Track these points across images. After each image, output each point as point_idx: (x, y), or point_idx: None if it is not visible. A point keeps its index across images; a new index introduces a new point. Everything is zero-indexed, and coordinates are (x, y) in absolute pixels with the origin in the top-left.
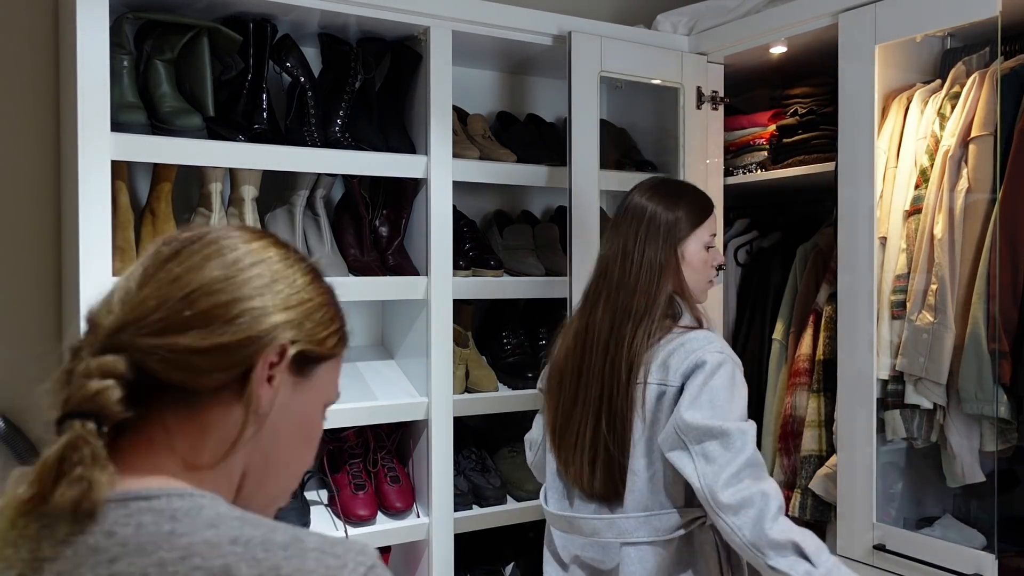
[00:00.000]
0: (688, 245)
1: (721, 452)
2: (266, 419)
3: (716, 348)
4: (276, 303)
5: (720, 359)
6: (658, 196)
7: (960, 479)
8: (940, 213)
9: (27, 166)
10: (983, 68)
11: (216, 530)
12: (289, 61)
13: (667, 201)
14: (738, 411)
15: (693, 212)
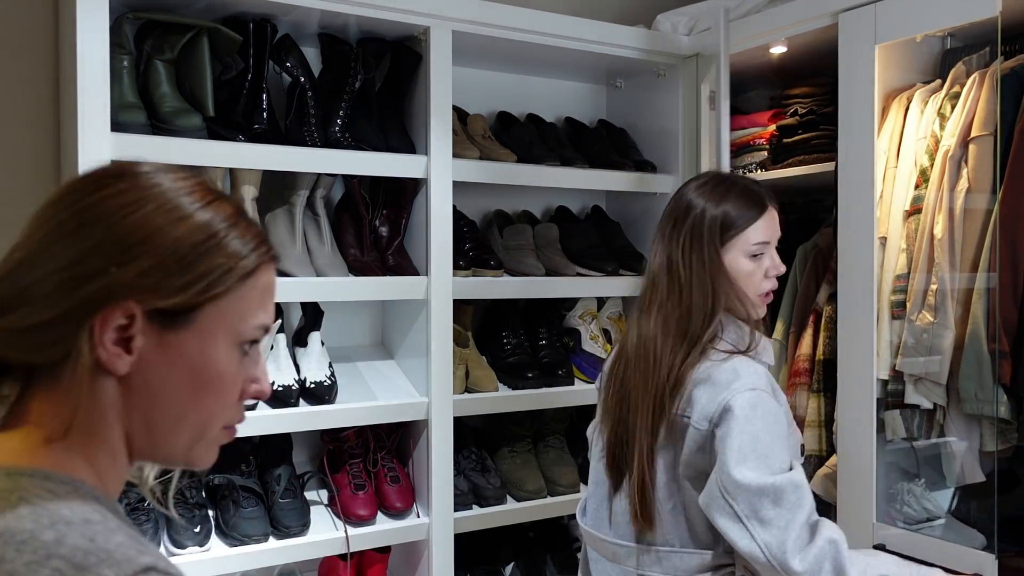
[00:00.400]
0: (728, 252)
1: (778, 513)
2: (132, 381)
3: (747, 385)
4: (102, 263)
5: (751, 399)
6: (707, 190)
7: (960, 479)
8: (940, 213)
9: (27, 166)
10: (983, 68)
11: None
12: (289, 61)
13: (715, 197)
14: (782, 456)
15: (737, 211)
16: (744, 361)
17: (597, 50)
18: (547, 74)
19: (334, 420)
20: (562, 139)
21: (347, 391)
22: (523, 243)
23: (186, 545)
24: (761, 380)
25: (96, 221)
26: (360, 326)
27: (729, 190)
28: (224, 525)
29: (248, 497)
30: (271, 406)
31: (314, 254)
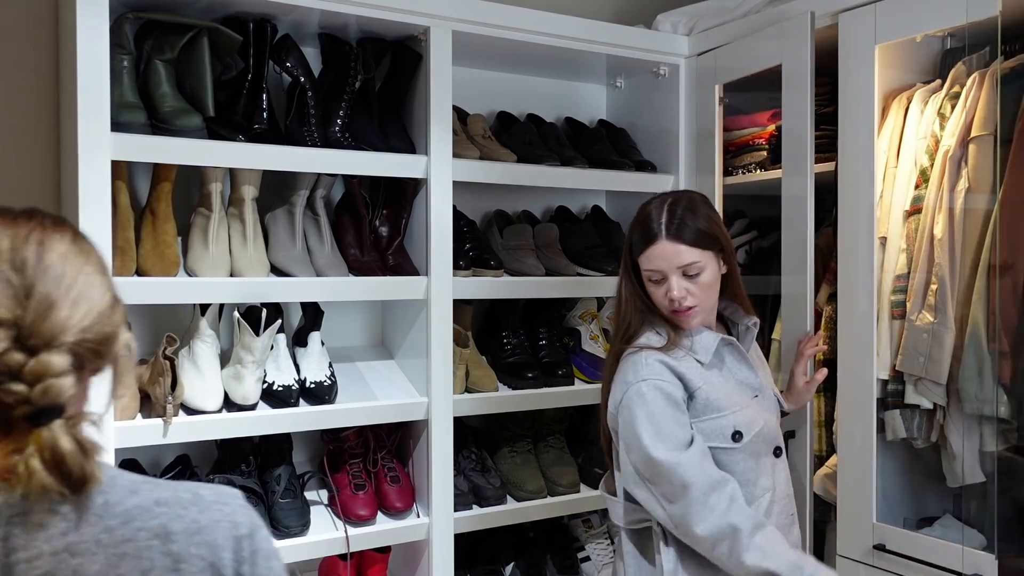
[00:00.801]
0: (642, 271)
1: (672, 489)
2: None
3: (640, 377)
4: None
5: (640, 389)
6: (638, 211)
7: (960, 479)
8: (940, 213)
9: (27, 166)
10: (983, 68)
11: (138, 496)
12: (289, 61)
13: (634, 218)
14: (676, 435)
15: (634, 237)
16: (643, 356)
17: (597, 50)
18: (547, 74)
19: (334, 420)
20: (562, 139)
21: (347, 391)
22: (523, 243)
23: None
24: (655, 371)
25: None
26: (360, 326)
27: (640, 214)
28: None
29: (248, 497)
30: (271, 406)
31: (314, 254)
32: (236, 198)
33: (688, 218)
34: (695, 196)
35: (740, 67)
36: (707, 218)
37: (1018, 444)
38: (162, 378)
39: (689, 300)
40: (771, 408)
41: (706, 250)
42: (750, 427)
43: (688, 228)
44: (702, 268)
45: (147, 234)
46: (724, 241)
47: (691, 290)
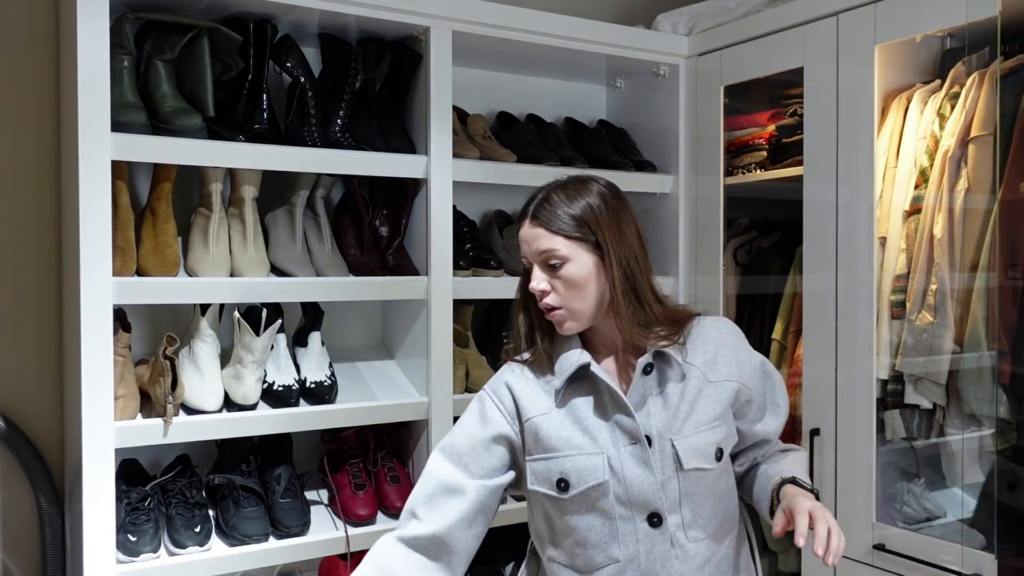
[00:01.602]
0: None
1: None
2: None
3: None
4: None
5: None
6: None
7: (960, 479)
8: (940, 213)
9: (27, 166)
10: (983, 68)
11: None
12: (289, 61)
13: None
14: (448, 439)
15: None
16: (504, 368)
17: (597, 50)
18: (547, 74)
19: (334, 420)
20: (562, 139)
21: (347, 391)
22: None
23: (186, 545)
24: (493, 385)
25: None
26: (360, 326)
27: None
28: (224, 525)
29: (248, 497)
30: (271, 406)
31: (314, 254)
32: (236, 198)
33: (562, 202)
34: (594, 183)
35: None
36: (589, 208)
37: (1018, 444)
38: (162, 378)
39: (551, 298)
40: (659, 462)
41: (572, 241)
42: (584, 477)
43: (553, 212)
44: (563, 259)
45: (147, 234)
46: (607, 238)
47: (554, 286)
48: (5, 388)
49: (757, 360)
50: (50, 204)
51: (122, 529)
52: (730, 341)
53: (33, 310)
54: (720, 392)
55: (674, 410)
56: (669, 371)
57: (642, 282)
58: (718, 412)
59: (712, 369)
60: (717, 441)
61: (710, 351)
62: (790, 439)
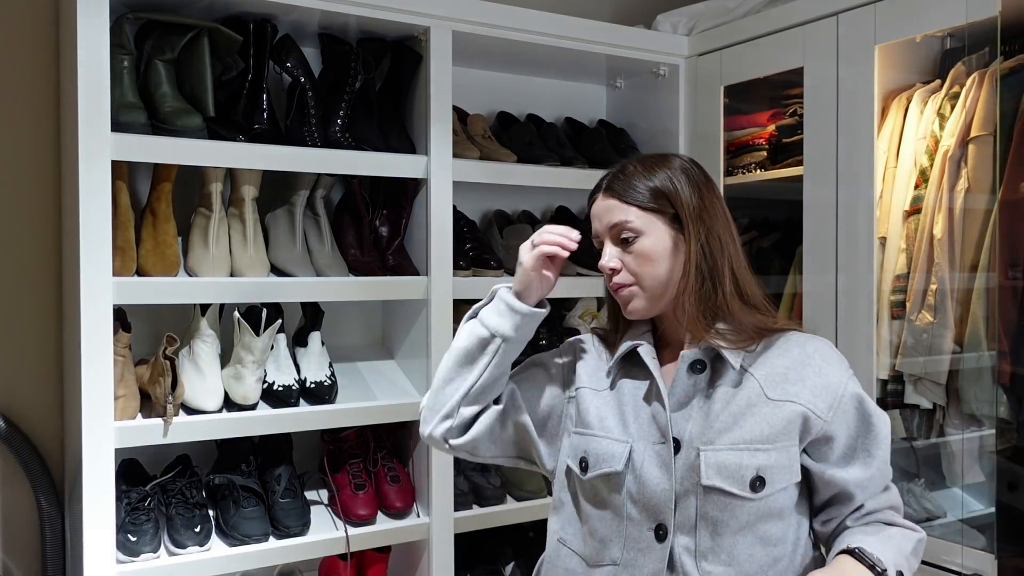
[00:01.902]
0: None
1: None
2: None
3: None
4: None
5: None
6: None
7: (960, 479)
8: (940, 213)
9: (28, 166)
10: (983, 68)
11: None
12: (289, 61)
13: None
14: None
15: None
16: (582, 336)
17: (597, 50)
18: (547, 74)
19: (334, 420)
20: (562, 139)
21: (347, 391)
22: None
23: (186, 545)
24: (565, 346)
25: None
26: (360, 326)
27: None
28: (224, 525)
29: (248, 497)
30: (271, 406)
31: (314, 254)
32: (236, 198)
33: (640, 173)
34: (677, 158)
35: (749, 70)
36: (669, 179)
37: (1018, 444)
38: (162, 378)
39: (622, 276)
40: (680, 470)
41: (648, 212)
42: (601, 462)
43: (629, 183)
44: (637, 232)
45: (147, 234)
46: (686, 211)
47: (625, 261)
48: (5, 388)
49: (851, 393)
50: (50, 204)
51: (122, 529)
52: (815, 362)
53: (33, 310)
54: (777, 413)
55: (713, 418)
56: (724, 376)
57: (722, 268)
58: (767, 434)
59: (776, 385)
60: (758, 467)
61: (782, 365)
62: None
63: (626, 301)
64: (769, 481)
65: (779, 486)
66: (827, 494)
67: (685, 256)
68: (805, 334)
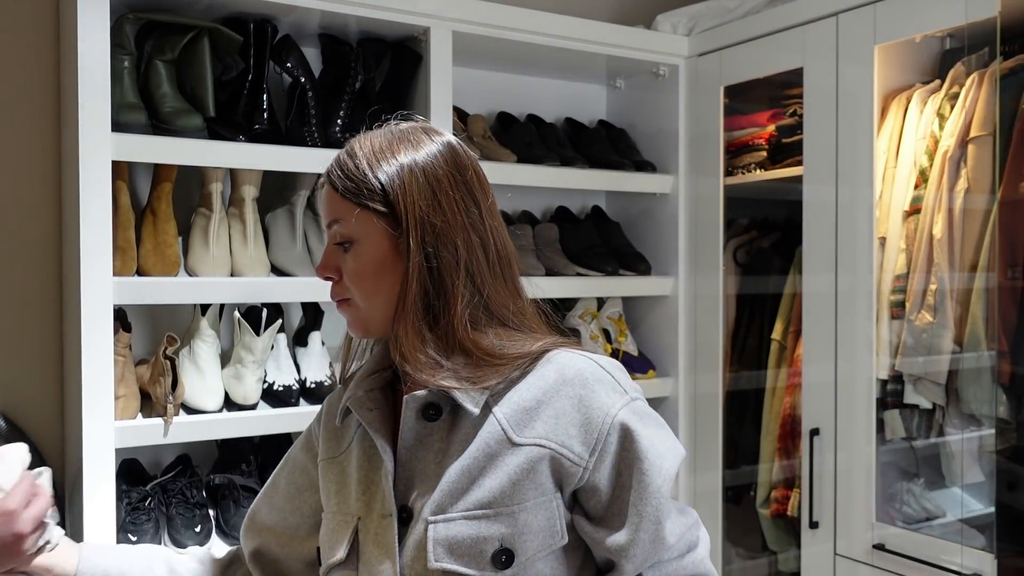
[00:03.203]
0: None
1: None
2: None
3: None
4: None
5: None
6: None
7: (960, 479)
8: (939, 213)
9: (28, 166)
10: (982, 68)
11: None
12: (289, 61)
13: None
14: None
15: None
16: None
17: (597, 50)
18: (547, 74)
19: None
20: (562, 139)
21: None
22: (523, 243)
23: (186, 545)
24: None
25: None
26: None
27: None
28: (224, 525)
29: (248, 497)
30: (271, 406)
31: (314, 254)
32: (236, 198)
33: (367, 158)
34: (426, 137)
35: (748, 70)
36: (398, 171)
37: (1017, 444)
38: (162, 378)
39: (337, 287)
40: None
41: (366, 212)
42: (327, 552)
43: (350, 171)
44: (349, 238)
45: (147, 234)
46: (409, 213)
47: (344, 270)
48: (6, 388)
49: (617, 424)
50: (50, 204)
51: (122, 529)
52: (572, 388)
53: (33, 310)
54: (521, 461)
55: (447, 479)
56: (463, 421)
57: (453, 287)
58: (510, 492)
59: (524, 425)
60: (501, 537)
61: (531, 397)
62: (789, 440)
63: (345, 314)
64: (519, 552)
65: (533, 556)
66: (601, 563)
67: (403, 271)
68: (572, 352)
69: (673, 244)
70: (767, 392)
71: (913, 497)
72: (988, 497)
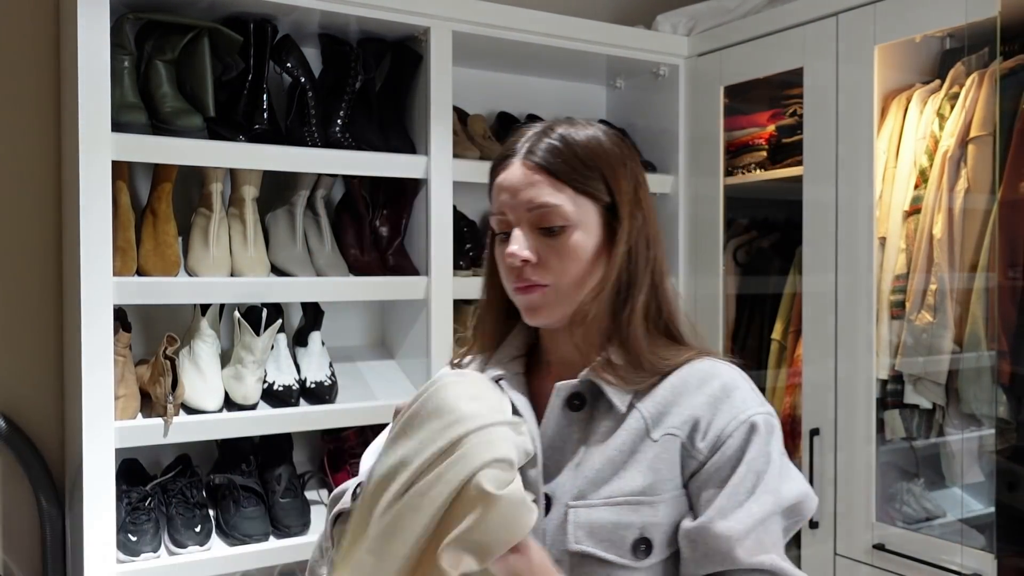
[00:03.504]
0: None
1: None
2: None
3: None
4: None
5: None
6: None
7: (959, 479)
8: (939, 213)
9: (28, 166)
10: (982, 68)
11: None
12: (289, 61)
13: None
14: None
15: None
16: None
17: (597, 50)
18: (547, 74)
19: (334, 420)
20: None
21: (347, 391)
22: None
23: (186, 545)
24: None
25: None
26: (360, 326)
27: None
28: (224, 525)
29: (248, 497)
30: (271, 406)
31: (314, 254)
32: (236, 198)
33: (573, 143)
34: (603, 127)
35: (749, 70)
36: (608, 156)
37: (1018, 444)
38: (163, 378)
39: (537, 273)
40: (551, 535)
41: (583, 197)
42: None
43: (561, 154)
44: (568, 222)
45: (148, 234)
46: (625, 201)
47: (543, 255)
48: (5, 388)
49: (748, 417)
50: (51, 204)
51: (122, 529)
52: (709, 388)
53: (34, 310)
54: (660, 454)
55: (588, 466)
56: (606, 412)
57: (641, 280)
58: (649, 482)
59: (661, 421)
60: (640, 526)
61: (672, 395)
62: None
63: (533, 306)
64: (657, 544)
65: (670, 551)
66: (695, 552)
67: (609, 259)
68: (714, 360)
69: (673, 244)
70: (767, 392)
71: (913, 497)
72: (988, 497)
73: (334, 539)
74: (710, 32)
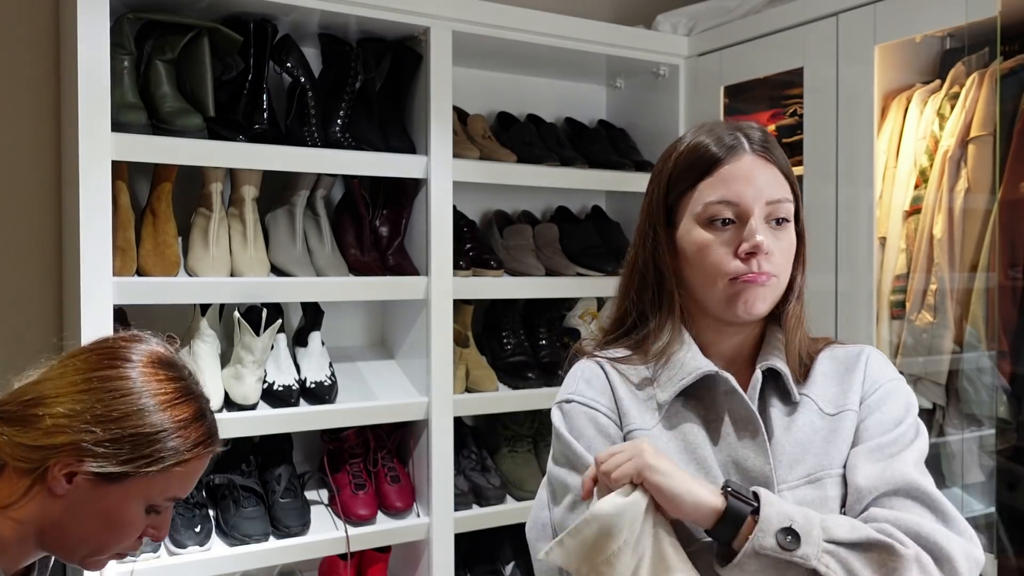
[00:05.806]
0: (682, 223)
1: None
2: (62, 500)
3: (560, 396)
4: (81, 425)
5: (555, 414)
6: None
7: (960, 479)
8: (940, 213)
9: (28, 166)
10: (982, 68)
11: None
12: (289, 61)
13: (666, 152)
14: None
15: (674, 174)
16: (579, 366)
17: (597, 50)
18: (547, 74)
19: (334, 420)
20: (562, 139)
21: (347, 391)
22: (523, 243)
23: (186, 545)
24: (580, 387)
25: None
26: (360, 326)
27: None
28: (224, 525)
29: (248, 497)
30: (271, 406)
31: (314, 254)
32: (236, 198)
33: (773, 140)
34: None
35: (749, 70)
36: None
37: (1018, 444)
38: None
39: (768, 263)
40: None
41: (792, 192)
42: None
43: (777, 149)
44: (790, 216)
45: (147, 234)
46: (802, 199)
47: (772, 247)
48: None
49: (890, 380)
50: (50, 204)
51: None
52: (861, 362)
53: (34, 310)
54: (837, 428)
55: (780, 450)
56: (781, 398)
57: (803, 274)
58: (834, 457)
59: (831, 399)
60: (839, 496)
61: (830, 376)
62: None
63: (762, 297)
64: (850, 511)
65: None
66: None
67: (798, 253)
68: (846, 344)
69: None
70: None
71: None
72: (988, 497)
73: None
74: (710, 32)
